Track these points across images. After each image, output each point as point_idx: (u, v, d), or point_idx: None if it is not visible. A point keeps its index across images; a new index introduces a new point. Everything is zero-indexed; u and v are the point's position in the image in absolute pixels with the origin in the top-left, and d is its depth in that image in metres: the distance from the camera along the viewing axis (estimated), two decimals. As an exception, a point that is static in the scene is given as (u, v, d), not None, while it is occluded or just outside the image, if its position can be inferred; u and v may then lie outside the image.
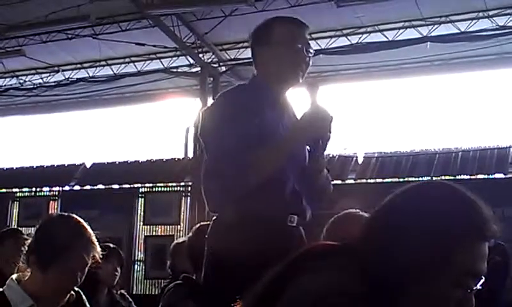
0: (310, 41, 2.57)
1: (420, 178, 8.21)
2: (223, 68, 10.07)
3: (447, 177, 8.26)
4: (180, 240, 5.16)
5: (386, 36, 8.95)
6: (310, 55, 2.55)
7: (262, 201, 2.34)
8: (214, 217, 2.49)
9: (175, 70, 10.30)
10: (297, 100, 2.62)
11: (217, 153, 2.41)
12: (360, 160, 9.34)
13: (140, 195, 10.04)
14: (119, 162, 10.77)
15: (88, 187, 10.55)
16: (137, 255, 9.83)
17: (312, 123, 2.38)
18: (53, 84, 10.97)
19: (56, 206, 10.39)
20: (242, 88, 2.68)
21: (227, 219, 2.41)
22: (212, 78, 10.09)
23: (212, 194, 2.44)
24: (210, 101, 9.05)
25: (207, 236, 2.50)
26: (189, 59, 10.07)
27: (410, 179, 8.35)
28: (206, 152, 2.49)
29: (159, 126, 12.55)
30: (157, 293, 8.15)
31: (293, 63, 2.52)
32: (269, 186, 2.33)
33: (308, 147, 2.50)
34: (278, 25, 2.56)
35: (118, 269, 4.42)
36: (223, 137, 2.38)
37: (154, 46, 9.64)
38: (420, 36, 8.76)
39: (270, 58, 2.53)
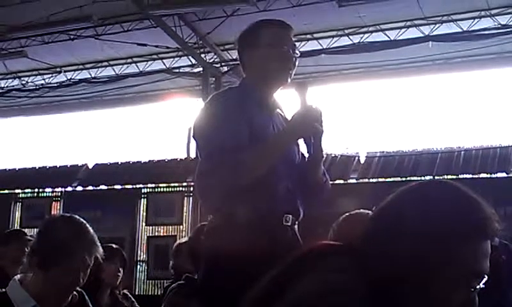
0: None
1: (423, 178, 8.18)
2: (225, 68, 10.05)
3: (449, 176, 8.22)
4: (183, 240, 5.16)
5: (388, 36, 8.93)
6: (297, 56, 2.58)
7: (257, 200, 2.35)
8: (210, 218, 2.50)
9: (177, 71, 10.29)
10: (287, 100, 2.65)
11: (209, 153, 2.43)
12: (362, 160, 9.31)
13: (142, 195, 10.00)
14: (121, 163, 10.76)
15: (90, 188, 10.51)
16: (140, 255, 9.80)
17: (302, 121, 2.40)
18: (55, 84, 10.96)
19: (58, 207, 10.34)
20: (232, 90, 2.72)
21: (222, 220, 2.41)
22: (214, 79, 10.08)
23: (206, 195, 2.46)
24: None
25: (203, 237, 2.51)
26: (191, 59, 10.06)
27: (412, 178, 8.30)
28: (199, 153, 2.51)
29: (161, 127, 12.57)
30: (159, 293, 8.14)
31: (281, 64, 2.56)
32: (262, 185, 2.34)
33: (305, 143, 2.51)
34: (265, 28, 2.61)
35: (121, 270, 4.41)
36: (214, 137, 2.40)
37: (156, 46, 9.63)
38: (422, 35, 8.75)
39: (258, 60, 2.57)
